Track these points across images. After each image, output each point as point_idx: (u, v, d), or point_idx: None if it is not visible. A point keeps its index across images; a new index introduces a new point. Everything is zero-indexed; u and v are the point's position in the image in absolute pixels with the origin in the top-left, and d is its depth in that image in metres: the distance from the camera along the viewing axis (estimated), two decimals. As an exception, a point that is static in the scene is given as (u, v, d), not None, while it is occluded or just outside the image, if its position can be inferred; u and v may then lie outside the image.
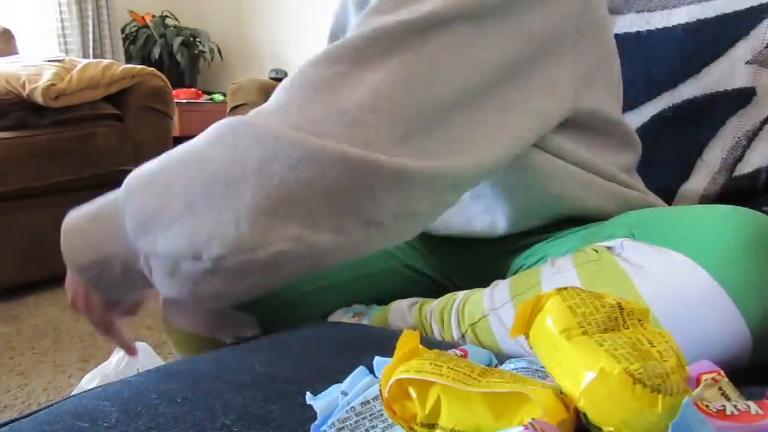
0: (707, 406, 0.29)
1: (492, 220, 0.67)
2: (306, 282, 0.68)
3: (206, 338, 0.65)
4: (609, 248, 0.55)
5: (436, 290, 0.69)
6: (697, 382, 0.32)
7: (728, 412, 0.29)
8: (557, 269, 0.57)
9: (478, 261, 0.75)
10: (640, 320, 0.32)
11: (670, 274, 0.48)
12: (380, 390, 0.33)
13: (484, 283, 0.64)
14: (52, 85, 1.80)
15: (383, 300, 0.72)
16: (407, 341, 0.33)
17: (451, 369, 0.31)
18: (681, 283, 0.47)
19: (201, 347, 0.65)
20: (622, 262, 0.52)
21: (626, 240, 0.55)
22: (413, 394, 0.31)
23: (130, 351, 0.66)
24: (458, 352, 0.38)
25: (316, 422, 0.35)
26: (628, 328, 0.31)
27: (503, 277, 0.64)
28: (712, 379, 0.31)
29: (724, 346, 0.45)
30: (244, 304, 0.65)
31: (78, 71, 1.90)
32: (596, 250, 0.56)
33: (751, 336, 0.45)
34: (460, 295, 0.64)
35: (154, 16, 3.59)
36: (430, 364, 0.31)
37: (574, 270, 0.55)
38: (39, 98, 1.78)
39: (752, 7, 0.87)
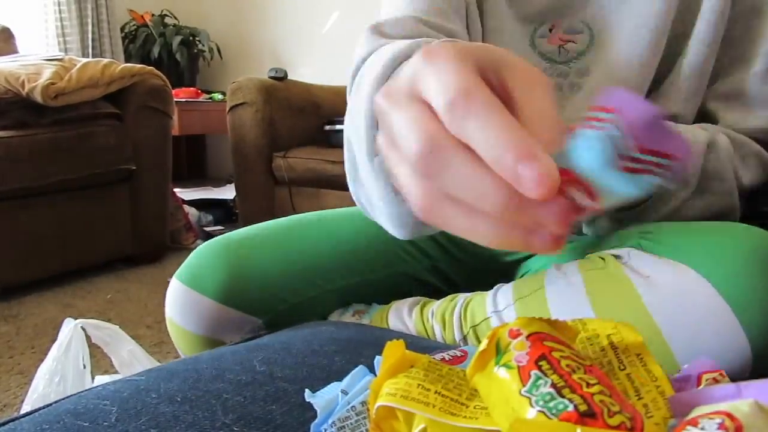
0: None
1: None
2: (310, 287, 0.69)
3: (212, 340, 0.65)
4: (616, 257, 0.54)
5: (435, 297, 0.70)
6: (698, 381, 0.32)
7: None
8: (562, 274, 0.57)
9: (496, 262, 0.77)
10: (638, 355, 0.31)
11: (676, 286, 0.48)
12: (368, 408, 0.32)
13: (486, 287, 0.64)
14: (52, 84, 1.79)
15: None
16: (392, 351, 0.33)
17: (439, 395, 0.30)
18: (686, 297, 0.47)
19: (206, 349, 0.65)
20: (629, 271, 0.52)
21: (633, 249, 0.54)
22: (400, 416, 0.31)
23: None
24: (458, 353, 0.38)
25: (317, 420, 0.35)
26: (624, 368, 0.30)
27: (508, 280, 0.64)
28: (713, 379, 0.31)
29: (725, 361, 0.45)
30: (252, 308, 0.65)
31: (77, 70, 1.89)
32: (603, 258, 0.55)
33: (752, 353, 0.45)
34: (462, 297, 0.64)
35: (153, 15, 3.58)
36: (418, 385, 0.31)
37: (579, 276, 0.55)
38: (38, 97, 1.78)
39: (752, 7, 0.87)
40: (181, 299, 0.65)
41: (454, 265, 0.79)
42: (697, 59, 0.63)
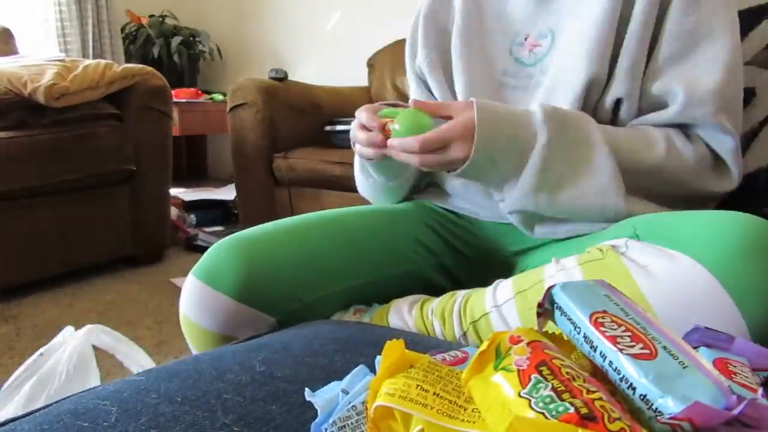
0: None
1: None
2: (323, 286, 0.69)
3: (226, 337, 0.65)
4: (613, 247, 0.55)
5: (438, 294, 0.70)
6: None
7: None
8: (561, 267, 0.57)
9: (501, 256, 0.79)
10: None
11: (673, 274, 0.48)
12: (366, 407, 0.32)
13: (488, 283, 0.64)
14: (54, 84, 1.79)
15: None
16: (392, 351, 0.33)
17: (437, 396, 0.30)
18: (684, 284, 0.47)
19: (219, 346, 0.65)
20: (626, 260, 0.52)
21: (631, 240, 0.55)
22: (398, 416, 0.30)
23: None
24: (459, 354, 0.38)
25: (317, 420, 0.35)
26: None
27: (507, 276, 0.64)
28: None
29: None
30: (267, 306, 0.65)
31: (79, 71, 1.90)
32: (601, 250, 0.56)
33: (751, 338, 0.45)
34: (461, 293, 0.64)
35: (151, 15, 3.58)
36: (417, 386, 0.30)
37: (578, 268, 0.56)
38: (41, 98, 1.78)
39: (752, 8, 0.88)
40: (197, 296, 0.65)
41: (458, 261, 0.79)
42: (637, 38, 0.68)
